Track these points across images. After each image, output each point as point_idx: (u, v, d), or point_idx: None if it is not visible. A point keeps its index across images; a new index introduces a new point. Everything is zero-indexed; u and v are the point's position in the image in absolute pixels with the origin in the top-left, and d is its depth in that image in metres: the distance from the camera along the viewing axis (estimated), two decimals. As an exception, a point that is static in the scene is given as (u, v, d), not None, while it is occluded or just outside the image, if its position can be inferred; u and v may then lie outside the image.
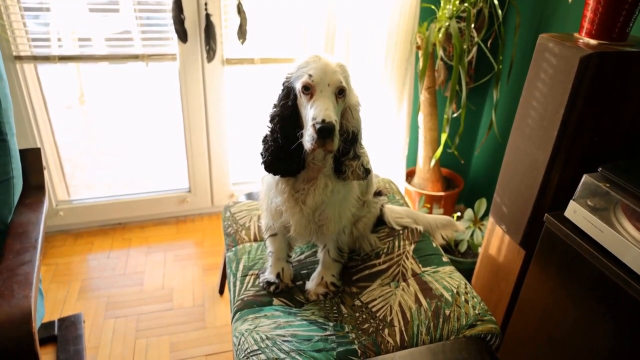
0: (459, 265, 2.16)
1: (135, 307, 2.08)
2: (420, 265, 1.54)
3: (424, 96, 2.30)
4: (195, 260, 2.42)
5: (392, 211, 1.75)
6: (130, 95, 4.69)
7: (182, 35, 2.23)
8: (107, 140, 3.87)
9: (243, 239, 1.73)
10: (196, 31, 2.28)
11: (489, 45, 2.23)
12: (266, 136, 1.27)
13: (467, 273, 2.05)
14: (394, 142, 2.46)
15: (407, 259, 1.57)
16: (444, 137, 2.22)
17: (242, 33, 2.25)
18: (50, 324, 1.94)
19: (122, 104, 4.54)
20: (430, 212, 2.51)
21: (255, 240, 1.72)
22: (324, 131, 1.09)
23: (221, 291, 2.19)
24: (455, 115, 2.21)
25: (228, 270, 1.61)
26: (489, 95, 2.57)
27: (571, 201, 1.35)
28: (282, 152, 1.22)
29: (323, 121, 1.09)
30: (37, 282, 1.18)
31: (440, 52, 2.29)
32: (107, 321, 2.01)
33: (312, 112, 1.12)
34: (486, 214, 2.18)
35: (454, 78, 2.00)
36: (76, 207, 2.55)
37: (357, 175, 1.26)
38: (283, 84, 1.23)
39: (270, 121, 1.24)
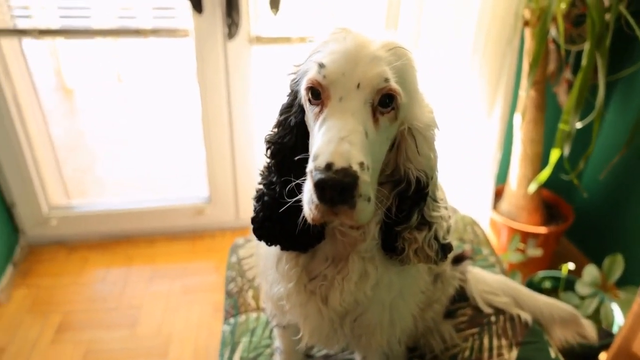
0: (569, 346, 1.46)
1: (118, 362, 1.59)
2: (529, 397, 0.90)
3: (529, 95, 1.60)
4: (206, 294, 1.89)
5: (479, 281, 1.11)
6: (150, 76, 4.13)
7: (197, 4, 1.67)
8: (112, 135, 3.34)
9: (248, 304, 1.16)
10: (215, -1, 1.71)
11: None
12: (262, 173, 0.69)
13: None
14: (480, 156, 1.78)
15: (506, 377, 0.94)
16: (555, 154, 1.52)
17: (275, 1, 1.65)
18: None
19: (141, 85, 4.01)
20: (524, 252, 1.81)
21: (265, 308, 1.15)
22: (329, 190, 0.51)
23: (231, 345, 1.65)
24: (580, 126, 1.48)
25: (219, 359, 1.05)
26: (615, 94, 1.79)
27: None
28: (281, 206, 0.62)
29: (328, 167, 0.50)
30: None
31: (553, 31, 1.58)
32: (81, 379, 1.54)
33: (315, 143, 0.56)
34: (626, 281, 1.45)
35: (584, 71, 1.29)
36: (73, 216, 2.10)
37: (426, 256, 0.65)
38: (290, 85, 0.64)
39: (267, 149, 0.66)
